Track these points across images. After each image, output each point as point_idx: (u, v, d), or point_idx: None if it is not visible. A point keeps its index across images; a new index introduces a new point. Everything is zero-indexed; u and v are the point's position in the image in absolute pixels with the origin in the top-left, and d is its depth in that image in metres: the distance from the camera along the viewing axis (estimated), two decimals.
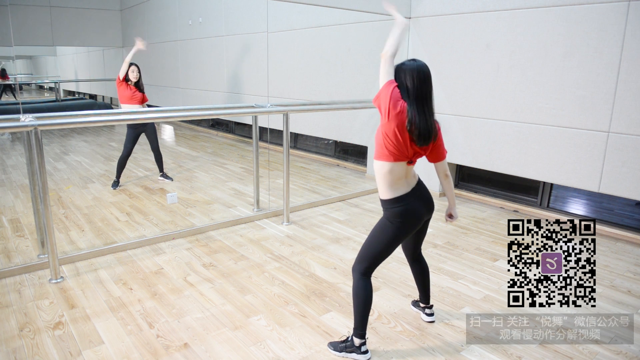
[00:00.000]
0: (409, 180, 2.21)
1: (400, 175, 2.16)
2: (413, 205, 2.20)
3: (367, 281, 2.26)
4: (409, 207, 2.19)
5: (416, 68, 2.07)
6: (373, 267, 2.27)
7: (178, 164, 6.60)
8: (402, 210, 2.18)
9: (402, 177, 2.18)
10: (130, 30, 10.58)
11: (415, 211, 2.21)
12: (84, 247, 3.62)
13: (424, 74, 2.08)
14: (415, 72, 2.06)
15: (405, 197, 2.18)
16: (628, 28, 3.53)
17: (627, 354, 2.37)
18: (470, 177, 5.24)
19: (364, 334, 2.28)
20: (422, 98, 2.07)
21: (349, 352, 2.31)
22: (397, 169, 2.14)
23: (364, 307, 2.24)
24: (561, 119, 4.01)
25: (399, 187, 2.18)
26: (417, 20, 4.96)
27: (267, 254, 3.57)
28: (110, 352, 2.34)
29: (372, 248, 2.25)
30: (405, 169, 2.18)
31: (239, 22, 7.79)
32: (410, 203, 2.19)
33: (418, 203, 2.22)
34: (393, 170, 2.13)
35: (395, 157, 2.11)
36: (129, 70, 5.06)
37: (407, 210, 2.19)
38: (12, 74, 12.30)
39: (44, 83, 14.38)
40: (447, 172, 2.34)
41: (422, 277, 2.60)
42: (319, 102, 5.97)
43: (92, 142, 8.41)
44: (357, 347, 2.29)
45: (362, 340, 2.29)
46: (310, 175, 6.11)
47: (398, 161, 2.12)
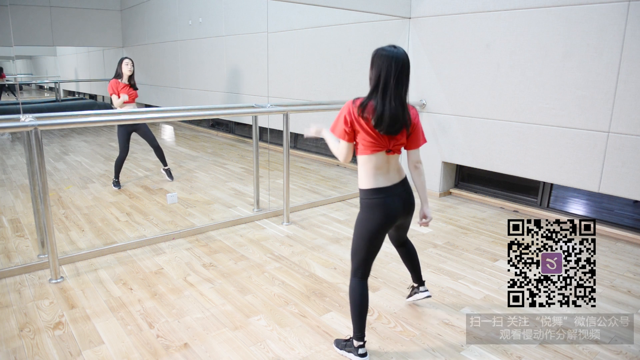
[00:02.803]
0: (390, 174, 2.18)
1: (380, 165, 2.14)
2: (389, 201, 2.16)
3: (359, 283, 2.24)
4: (384, 202, 2.15)
5: (394, 56, 2.03)
6: (362, 267, 2.24)
7: (178, 164, 6.60)
8: (376, 203, 2.15)
9: (382, 167, 2.15)
10: (130, 30, 10.58)
11: (390, 207, 2.16)
12: (84, 247, 3.63)
13: (402, 63, 2.04)
14: (393, 60, 2.03)
15: (383, 190, 2.15)
16: (628, 28, 3.53)
17: (627, 354, 2.37)
18: (470, 177, 5.24)
19: (361, 336, 2.26)
20: (393, 87, 2.04)
21: (348, 351, 2.31)
22: (376, 159, 2.13)
23: (356, 309, 2.23)
24: (561, 119, 4.01)
25: (378, 178, 2.15)
26: (417, 20, 4.96)
27: (267, 254, 3.57)
28: (110, 352, 2.34)
29: (354, 246, 2.24)
30: (386, 159, 2.15)
31: (239, 22, 7.79)
32: (386, 198, 2.15)
33: (395, 200, 2.18)
34: (371, 160, 2.13)
35: (373, 149, 2.11)
36: (122, 64, 4.97)
37: (381, 205, 2.15)
38: (12, 74, 12.30)
39: (44, 83, 14.39)
40: (418, 162, 2.30)
41: (410, 258, 2.60)
42: (319, 102, 5.97)
43: (92, 142, 8.41)
44: (355, 349, 2.28)
45: (360, 342, 2.26)
46: (310, 175, 6.11)
47: (376, 152, 2.12)
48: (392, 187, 2.17)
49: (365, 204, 2.19)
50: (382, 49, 2.08)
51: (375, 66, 2.07)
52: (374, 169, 2.15)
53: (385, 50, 2.07)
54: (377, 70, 2.06)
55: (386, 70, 2.03)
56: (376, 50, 2.09)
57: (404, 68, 2.05)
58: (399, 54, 2.05)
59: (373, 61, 2.09)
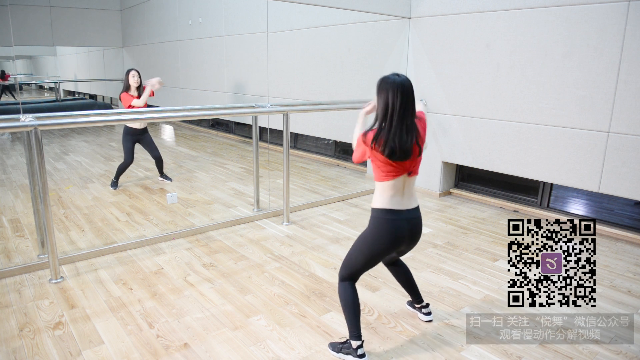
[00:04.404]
0: (405, 198, 2.19)
1: (398, 188, 2.17)
2: (399, 224, 2.18)
3: (349, 285, 2.26)
4: (394, 224, 2.17)
5: (400, 84, 2.06)
6: (354, 276, 2.27)
7: (178, 164, 6.60)
8: (386, 223, 2.17)
9: (400, 191, 2.17)
10: (130, 30, 10.59)
11: (398, 230, 2.18)
12: (84, 247, 3.63)
13: (407, 90, 2.08)
14: (399, 88, 2.05)
15: (397, 212, 2.17)
16: (628, 28, 3.53)
17: (627, 354, 2.37)
18: (470, 177, 5.24)
19: (358, 335, 2.26)
20: (403, 115, 2.07)
21: (346, 353, 2.30)
22: (397, 184, 2.16)
23: (351, 310, 2.24)
24: (561, 119, 4.01)
25: (393, 200, 2.17)
26: (417, 20, 4.96)
27: (267, 254, 3.57)
28: (110, 352, 2.34)
29: (353, 258, 2.26)
30: (405, 182, 2.18)
31: (239, 22, 7.79)
32: (397, 221, 2.17)
33: (405, 225, 2.19)
34: (394, 185, 2.15)
35: (394, 175, 2.13)
36: (129, 75, 5.02)
37: (390, 226, 2.17)
38: (12, 74, 12.30)
39: (44, 83, 14.39)
40: None
41: (405, 277, 2.58)
42: (319, 102, 5.97)
43: (92, 142, 8.41)
44: (353, 350, 2.27)
45: (358, 342, 2.26)
46: (310, 175, 6.11)
47: (398, 177, 2.14)
48: (404, 211, 2.19)
49: (374, 221, 2.21)
50: (387, 77, 2.10)
51: (382, 96, 2.09)
52: (392, 192, 2.16)
53: (389, 79, 2.09)
54: (384, 101, 2.08)
55: (393, 100, 2.06)
56: (381, 80, 2.12)
57: (410, 96, 2.08)
58: (404, 82, 2.08)
59: (379, 91, 2.11)
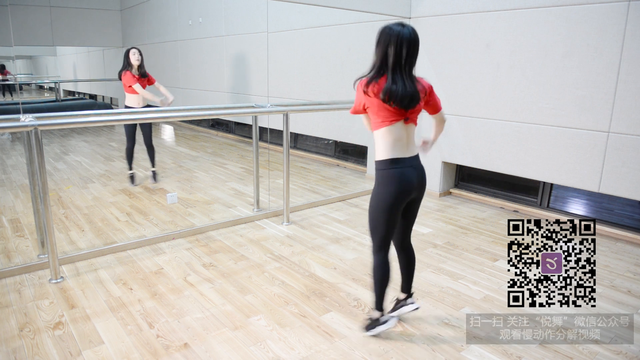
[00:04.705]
0: (409, 147, 2.21)
1: (400, 136, 2.17)
2: (406, 172, 2.20)
3: (382, 259, 2.33)
4: (402, 172, 2.19)
5: (404, 36, 2.04)
6: (383, 244, 2.31)
7: (178, 164, 6.60)
8: (392, 174, 2.18)
9: (402, 139, 2.18)
10: (130, 30, 10.58)
11: (407, 177, 2.20)
12: (84, 247, 3.63)
13: (412, 42, 2.06)
14: (403, 40, 2.04)
15: (401, 160, 2.19)
16: (628, 28, 3.53)
17: (627, 354, 2.37)
18: (470, 177, 5.24)
19: (380, 308, 2.38)
20: (404, 65, 2.07)
21: (373, 327, 2.43)
22: (396, 130, 2.16)
23: (380, 283, 2.34)
24: (561, 119, 4.01)
25: (397, 149, 2.18)
26: (417, 20, 4.96)
27: (267, 254, 3.57)
28: (110, 352, 2.34)
29: (372, 223, 2.30)
30: (404, 130, 2.18)
31: (239, 22, 7.79)
32: (403, 169, 2.19)
33: (412, 172, 2.22)
34: (392, 131, 2.16)
35: (391, 120, 2.13)
36: (129, 54, 5.03)
37: (398, 175, 2.18)
38: (12, 74, 12.30)
39: (44, 83, 14.38)
40: (443, 118, 2.41)
41: (408, 266, 2.57)
42: (319, 102, 5.97)
43: (92, 142, 8.41)
44: (376, 320, 2.40)
45: (380, 312, 2.38)
46: (310, 175, 6.11)
47: (395, 122, 2.14)
48: (408, 159, 2.21)
49: (381, 175, 2.22)
50: (390, 27, 2.07)
51: (382, 44, 2.07)
52: (393, 140, 2.17)
53: (393, 29, 2.05)
54: (383, 49, 2.06)
55: (395, 50, 2.03)
56: (384, 28, 2.09)
57: (415, 47, 2.07)
58: (409, 33, 2.05)
59: (380, 39, 2.08)
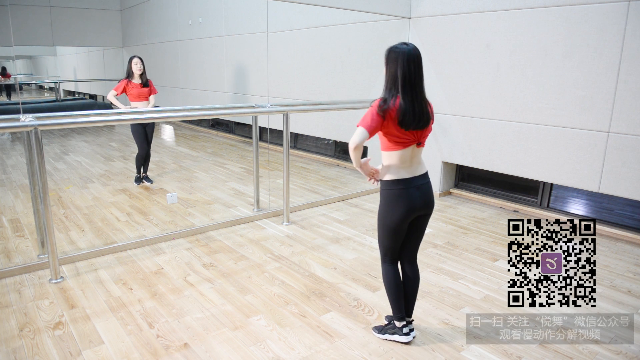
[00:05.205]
0: (413, 167, 2.22)
1: (406, 158, 2.19)
2: (411, 192, 2.21)
3: (390, 267, 2.36)
4: (405, 193, 2.20)
5: (408, 53, 2.08)
6: (389, 254, 2.35)
7: (178, 164, 6.60)
8: (397, 194, 2.20)
9: (407, 161, 2.20)
10: (130, 30, 10.59)
11: (410, 198, 2.20)
12: (84, 247, 3.62)
13: (416, 58, 2.10)
14: (407, 57, 2.07)
15: (404, 181, 2.20)
16: (628, 28, 3.53)
17: (627, 354, 2.37)
18: (470, 177, 5.24)
19: (402, 317, 2.39)
20: (414, 84, 2.10)
21: (391, 333, 2.43)
22: (406, 153, 2.19)
23: (392, 292, 2.36)
24: (561, 119, 4.01)
25: (403, 170, 2.20)
26: (417, 20, 4.96)
27: (267, 254, 3.57)
28: (110, 352, 2.34)
29: (379, 236, 2.34)
30: (413, 153, 2.21)
31: (239, 22, 7.79)
32: (407, 189, 2.20)
33: (415, 192, 2.22)
34: (402, 154, 2.18)
35: (404, 145, 2.16)
36: (131, 63, 5.02)
37: (402, 196, 2.20)
38: (12, 74, 12.31)
39: (44, 83, 14.39)
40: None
41: (413, 285, 2.42)
42: (319, 102, 5.97)
43: (92, 142, 8.41)
44: (399, 329, 2.40)
45: (402, 322, 2.39)
46: (310, 175, 6.11)
47: (407, 146, 2.17)
48: (413, 178, 2.22)
49: (386, 194, 2.25)
50: (396, 47, 2.12)
51: (391, 65, 2.11)
52: (400, 162, 2.19)
53: (398, 48, 2.10)
54: (393, 70, 2.10)
55: (403, 69, 2.07)
56: (390, 49, 2.13)
57: (419, 65, 2.11)
58: (413, 51, 2.10)
59: (388, 60, 2.12)
